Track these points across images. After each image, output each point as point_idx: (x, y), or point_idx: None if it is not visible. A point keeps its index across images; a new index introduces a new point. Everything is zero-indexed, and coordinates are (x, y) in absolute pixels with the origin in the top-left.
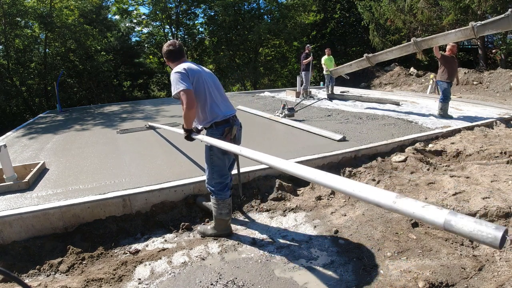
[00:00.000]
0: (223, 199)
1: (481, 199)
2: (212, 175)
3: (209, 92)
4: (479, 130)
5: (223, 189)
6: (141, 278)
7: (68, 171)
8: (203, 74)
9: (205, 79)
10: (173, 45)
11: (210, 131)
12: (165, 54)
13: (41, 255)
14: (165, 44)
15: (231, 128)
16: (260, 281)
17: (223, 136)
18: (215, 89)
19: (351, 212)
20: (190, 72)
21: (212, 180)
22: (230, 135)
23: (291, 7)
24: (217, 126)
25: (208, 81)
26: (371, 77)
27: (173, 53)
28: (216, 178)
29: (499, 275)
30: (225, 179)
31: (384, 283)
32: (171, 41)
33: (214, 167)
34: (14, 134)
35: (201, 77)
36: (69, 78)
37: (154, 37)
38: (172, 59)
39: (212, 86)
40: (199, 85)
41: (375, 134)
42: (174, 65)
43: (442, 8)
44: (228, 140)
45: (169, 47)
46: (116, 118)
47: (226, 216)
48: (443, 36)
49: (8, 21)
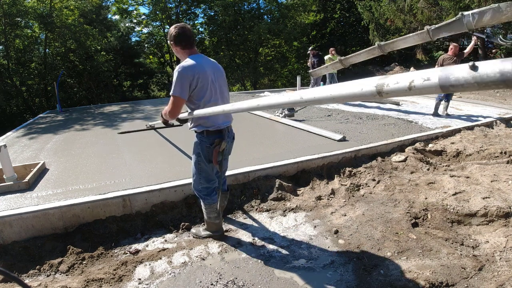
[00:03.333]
0: (210, 204)
1: (481, 199)
2: (199, 180)
3: (211, 96)
4: (479, 130)
5: (210, 193)
6: (141, 278)
7: (68, 171)
8: (209, 75)
9: (211, 81)
10: (183, 28)
11: (199, 137)
12: (172, 37)
13: (41, 255)
14: (173, 27)
15: (222, 140)
16: (260, 281)
17: (212, 147)
18: (218, 94)
19: (351, 212)
20: (194, 74)
21: (199, 184)
22: (218, 148)
23: (291, 7)
24: (208, 135)
25: (214, 84)
26: (371, 77)
27: (181, 37)
28: (203, 183)
29: (499, 275)
30: (212, 184)
31: (384, 283)
32: (181, 24)
33: (201, 173)
34: (14, 134)
35: (207, 79)
36: (69, 78)
37: (154, 37)
38: (179, 45)
39: (216, 90)
40: (202, 88)
41: (375, 134)
42: (181, 54)
43: (442, 8)
44: (215, 152)
45: (178, 29)
46: (116, 118)
47: (215, 219)
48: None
49: (8, 21)
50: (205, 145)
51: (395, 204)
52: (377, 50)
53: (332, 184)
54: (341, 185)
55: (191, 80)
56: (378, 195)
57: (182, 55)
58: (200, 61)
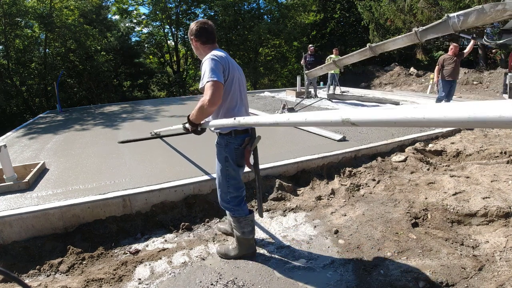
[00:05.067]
0: (243, 216)
1: (481, 199)
2: (227, 189)
3: (239, 92)
4: (479, 130)
5: (240, 203)
6: (141, 278)
7: (68, 171)
8: (237, 71)
9: (239, 78)
10: (205, 23)
11: (226, 139)
12: (196, 32)
13: (41, 255)
14: (193, 22)
15: (251, 139)
16: (260, 281)
17: (242, 147)
18: (241, 93)
19: (351, 212)
20: (226, 65)
21: (227, 195)
22: (249, 147)
23: (291, 7)
24: (237, 135)
25: (240, 81)
26: (371, 77)
27: (202, 31)
28: (232, 192)
29: (499, 275)
30: (241, 192)
31: (384, 283)
32: (203, 19)
33: (229, 180)
34: (14, 134)
35: (235, 73)
36: (69, 78)
37: (154, 37)
38: (200, 39)
39: (242, 88)
40: (232, 84)
41: (375, 134)
42: (201, 50)
43: (442, 8)
44: (247, 152)
45: (202, 24)
46: (116, 118)
47: (249, 234)
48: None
49: (8, 21)
50: (233, 147)
51: (395, 204)
52: (368, 51)
53: (332, 184)
54: (341, 185)
55: (224, 68)
56: (378, 195)
57: (203, 51)
58: (227, 55)
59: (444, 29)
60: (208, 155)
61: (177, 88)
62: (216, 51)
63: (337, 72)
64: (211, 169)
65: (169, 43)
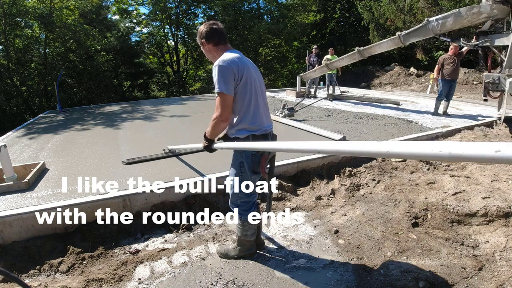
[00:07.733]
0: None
1: (481, 199)
2: (239, 194)
3: (255, 96)
4: (479, 130)
5: (250, 208)
6: (141, 278)
7: (68, 171)
8: (252, 72)
9: (254, 78)
10: (214, 24)
11: None
12: (206, 34)
13: (41, 255)
14: (202, 25)
15: None
16: (260, 281)
17: (259, 154)
18: (260, 93)
19: (351, 212)
20: (237, 68)
21: (238, 199)
22: (267, 154)
23: (291, 7)
24: (254, 141)
25: (256, 82)
26: (371, 77)
27: (213, 33)
28: (243, 197)
29: (499, 275)
30: (252, 198)
31: (384, 283)
32: (210, 21)
33: (242, 186)
34: (14, 134)
35: (250, 76)
36: (69, 78)
37: (154, 37)
38: (212, 41)
39: (259, 89)
40: (246, 86)
41: (375, 134)
42: (214, 52)
43: (442, 8)
44: (263, 160)
45: (211, 25)
46: (116, 118)
47: (251, 236)
48: (378, 46)
49: (8, 21)
50: (250, 153)
51: (395, 204)
52: (357, 55)
53: (332, 184)
54: (341, 185)
55: (234, 73)
56: (378, 195)
57: (215, 53)
58: (240, 55)
59: (425, 33)
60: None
61: (177, 88)
62: (228, 54)
63: (334, 72)
64: (211, 169)
65: (169, 43)
